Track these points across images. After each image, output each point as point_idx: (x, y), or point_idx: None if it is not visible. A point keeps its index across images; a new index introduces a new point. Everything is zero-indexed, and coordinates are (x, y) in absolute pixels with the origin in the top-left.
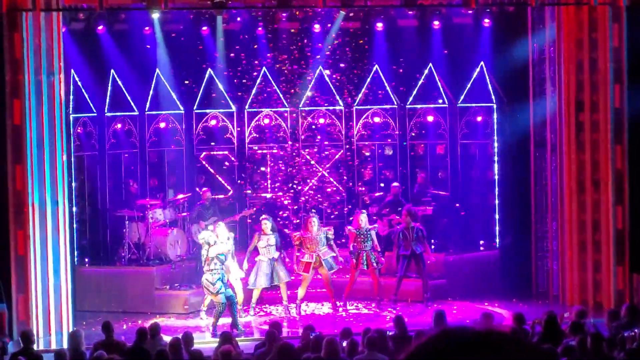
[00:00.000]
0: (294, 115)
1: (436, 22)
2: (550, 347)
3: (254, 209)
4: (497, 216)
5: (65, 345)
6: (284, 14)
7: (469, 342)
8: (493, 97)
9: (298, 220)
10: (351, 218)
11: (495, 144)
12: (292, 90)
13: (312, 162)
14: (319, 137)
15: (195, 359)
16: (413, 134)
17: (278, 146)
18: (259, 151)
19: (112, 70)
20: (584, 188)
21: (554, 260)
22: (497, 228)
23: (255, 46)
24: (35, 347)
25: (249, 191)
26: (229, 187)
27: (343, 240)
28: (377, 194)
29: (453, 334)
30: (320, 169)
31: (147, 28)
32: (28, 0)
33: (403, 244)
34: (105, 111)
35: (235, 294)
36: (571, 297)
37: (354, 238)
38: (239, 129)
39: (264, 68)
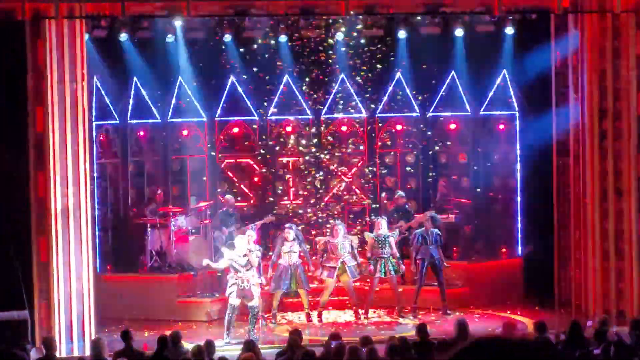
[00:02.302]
0: (316, 123)
1: (459, 30)
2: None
3: (275, 216)
4: (519, 224)
5: (87, 353)
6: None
7: (505, 352)
8: (515, 105)
9: (323, 229)
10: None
11: (518, 152)
12: (315, 97)
13: (334, 169)
14: (341, 144)
15: None
16: (435, 142)
17: (300, 154)
18: (281, 159)
19: (135, 78)
20: (606, 196)
21: (576, 268)
22: (519, 236)
23: (277, 53)
24: (57, 354)
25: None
26: (251, 195)
27: (360, 249)
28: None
29: (490, 344)
30: (343, 177)
31: (169, 35)
32: (51, 7)
33: (422, 248)
34: (128, 118)
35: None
36: (594, 305)
37: (372, 244)
38: (263, 137)
39: (286, 76)
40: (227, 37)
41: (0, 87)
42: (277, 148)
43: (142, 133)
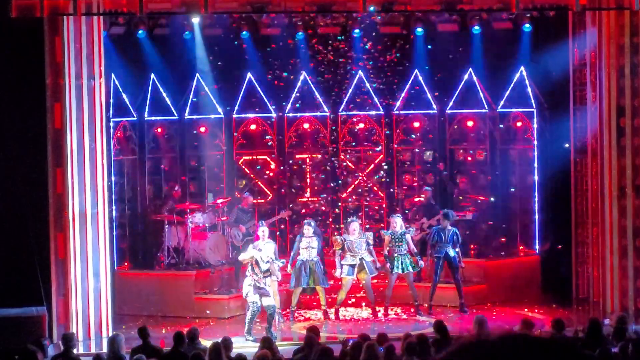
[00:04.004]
0: (334, 120)
1: (476, 27)
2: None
3: (291, 212)
4: (537, 221)
5: (104, 349)
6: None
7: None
8: (533, 102)
9: (339, 226)
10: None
11: (536, 149)
12: (332, 95)
13: (352, 166)
14: (358, 141)
15: None
16: (453, 139)
17: (317, 151)
18: (299, 156)
19: (152, 75)
20: (624, 193)
21: (594, 266)
22: (537, 233)
23: (294, 50)
24: (74, 350)
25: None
26: (268, 192)
27: (377, 245)
28: (416, 199)
29: (511, 341)
30: (360, 174)
31: (187, 32)
32: (69, 4)
33: (437, 246)
34: (145, 115)
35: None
36: (612, 303)
37: (388, 242)
38: (279, 137)
39: (303, 73)
40: (245, 34)
41: (19, 84)
42: (294, 144)
43: (159, 130)
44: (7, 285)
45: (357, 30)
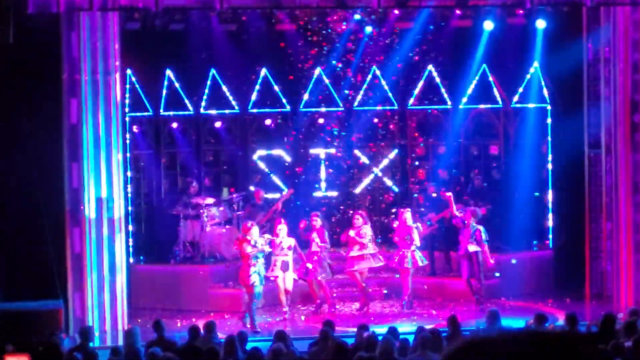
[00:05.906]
0: (347, 115)
1: (490, 23)
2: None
3: (293, 190)
4: (550, 216)
5: (120, 343)
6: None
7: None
8: (547, 98)
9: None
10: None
11: (550, 145)
12: (349, 91)
13: (366, 161)
14: (371, 137)
15: (251, 358)
16: (467, 134)
17: (332, 145)
18: (313, 150)
19: (168, 70)
20: (638, 189)
21: (607, 260)
22: (550, 228)
23: (309, 45)
24: (91, 343)
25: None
26: (283, 187)
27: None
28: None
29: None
30: (374, 169)
31: (202, 28)
32: (85, 0)
33: (460, 243)
34: (161, 110)
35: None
36: (625, 298)
37: (400, 235)
38: (294, 132)
39: (318, 68)
40: (260, 29)
41: (36, 79)
42: (309, 139)
43: (175, 125)
44: (24, 279)
45: (368, 26)
